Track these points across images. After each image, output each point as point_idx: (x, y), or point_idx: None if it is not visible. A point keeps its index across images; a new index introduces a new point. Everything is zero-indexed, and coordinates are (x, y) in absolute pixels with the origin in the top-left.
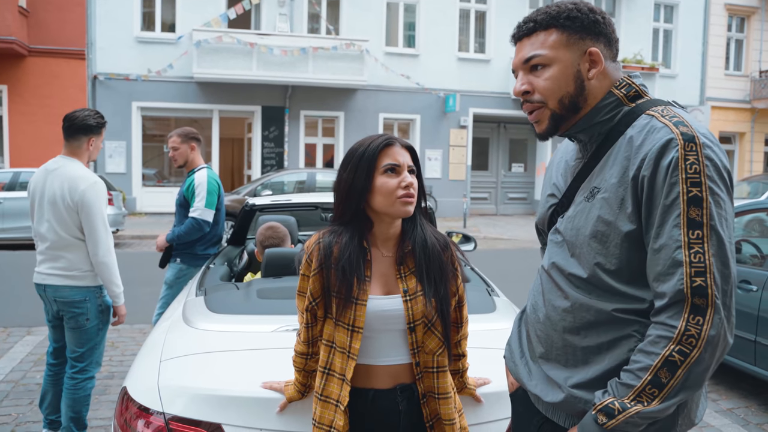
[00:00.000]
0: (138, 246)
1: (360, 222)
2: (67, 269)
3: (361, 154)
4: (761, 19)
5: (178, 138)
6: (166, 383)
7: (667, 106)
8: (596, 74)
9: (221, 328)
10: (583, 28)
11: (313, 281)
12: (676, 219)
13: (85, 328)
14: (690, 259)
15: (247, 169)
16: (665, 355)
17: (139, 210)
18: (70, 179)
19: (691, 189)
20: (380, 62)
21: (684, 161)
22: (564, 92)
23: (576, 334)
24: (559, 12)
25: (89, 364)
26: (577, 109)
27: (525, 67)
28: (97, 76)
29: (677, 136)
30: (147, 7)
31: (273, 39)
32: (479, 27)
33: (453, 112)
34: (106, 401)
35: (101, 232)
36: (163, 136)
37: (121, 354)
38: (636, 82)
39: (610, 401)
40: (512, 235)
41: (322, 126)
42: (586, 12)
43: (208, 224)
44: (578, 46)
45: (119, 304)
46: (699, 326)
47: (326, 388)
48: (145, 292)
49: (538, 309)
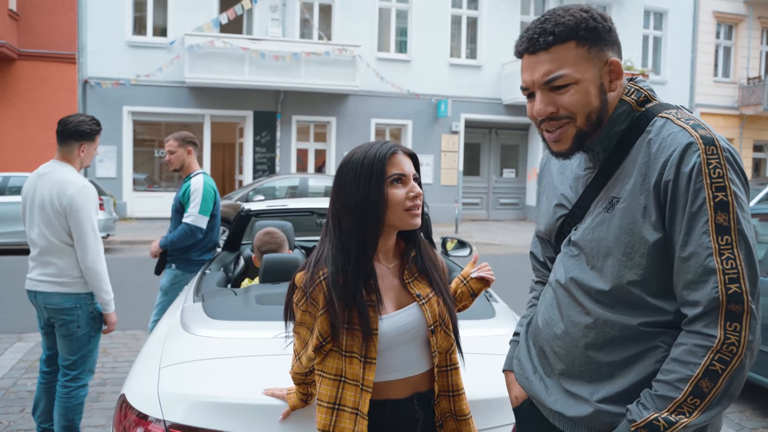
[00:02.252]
0: (129, 251)
1: (364, 240)
2: (57, 276)
3: (369, 165)
4: (749, 26)
5: (175, 141)
6: (166, 390)
7: (679, 109)
8: (618, 85)
9: (221, 335)
10: (601, 38)
11: (321, 321)
12: (705, 225)
13: (76, 336)
14: (723, 266)
15: (238, 174)
16: (705, 364)
17: (129, 215)
18: (59, 183)
19: (716, 194)
20: (372, 68)
21: (707, 166)
22: (592, 108)
23: (600, 350)
24: (577, 23)
25: (82, 372)
26: (600, 123)
27: (545, 87)
28: (87, 80)
29: (697, 139)
30: (138, 12)
31: (265, 44)
32: (471, 33)
33: (445, 117)
34: (99, 408)
35: (90, 238)
36: (154, 141)
37: (114, 360)
38: (644, 87)
39: (654, 417)
40: (504, 240)
41: (314, 131)
42: (601, 20)
43: (201, 231)
44: (599, 58)
45: (109, 312)
46: (737, 333)
47: (337, 425)
48: (137, 297)
49: (553, 324)
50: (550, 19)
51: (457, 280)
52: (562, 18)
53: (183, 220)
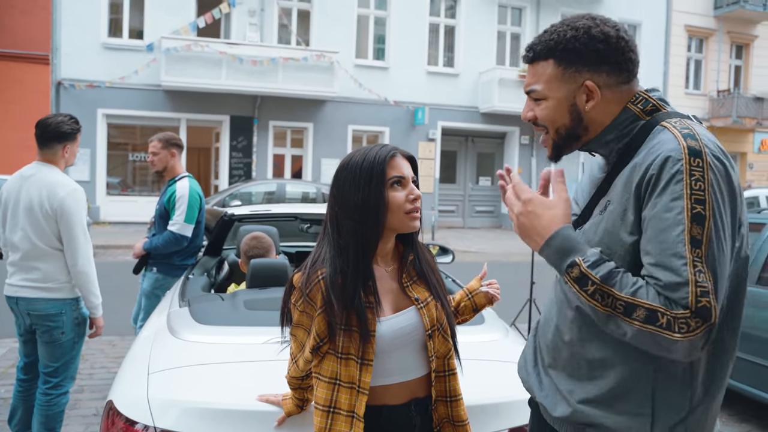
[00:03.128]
0: (103, 256)
1: (364, 243)
2: (41, 281)
3: (368, 168)
4: (719, 40)
5: (159, 143)
6: (156, 396)
7: (682, 119)
8: (593, 107)
9: (210, 340)
10: (580, 60)
11: (318, 321)
12: (680, 235)
13: (60, 342)
14: (695, 278)
15: (214, 179)
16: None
17: (103, 219)
18: (48, 186)
19: (695, 206)
20: (350, 74)
21: (689, 176)
22: (560, 124)
23: (581, 346)
24: (557, 42)
25: (64, 379)
26: (577, 137)
27: (528, 95)
28: (61, 81)
29: (683, 149)
30: (114, 13)
31: (243, 48)
32: (448, 41)
33: (422, 125)
34: (76, 416)
35: (81, 241)
36: (128, 145)
37: (91, 367)
38: (653, 96)
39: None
40: (480, 248)
41: (290, 137)
42: (586, 42)
43: (186, 239)
44: (574, 79)
45: (97, 316)
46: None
47: (333, 428)
48: (113, 302)
49: (549, 319)
50: (543, 34)
51: (462, 294)
52: (548, 36)
53: (168, 227)
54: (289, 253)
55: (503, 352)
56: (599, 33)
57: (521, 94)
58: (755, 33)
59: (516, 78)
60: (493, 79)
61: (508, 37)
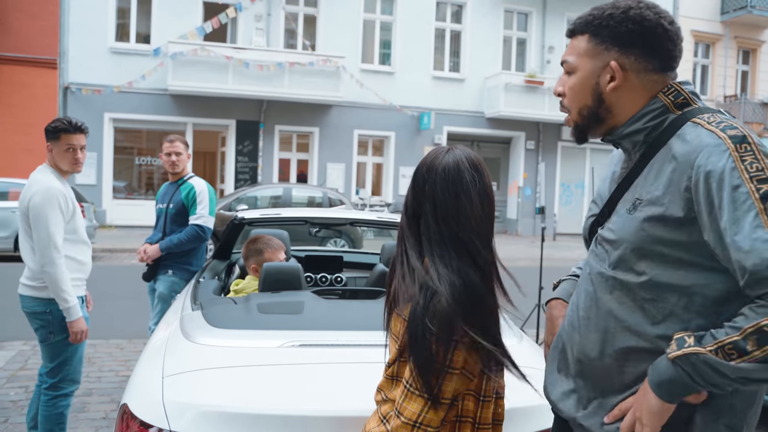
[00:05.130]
0: (109, 259)
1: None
2: (30, 278)
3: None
4: (725, 46)
5: (182, 144)
6: (172, 399)
7: (714, 113)
8: (613, 88)
9: (224, 343)
10: (611, 37)
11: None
12: (756, 219)
13: (50, 342)
14: None
15: (220, 183)
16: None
17: (109, 223)
18: (28, 185)
19: (760, 186)
20: (356, 79)
21: (742, 162)
22: (582, 104)
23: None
24: (594, 17)
25: (61, 381)
26: (600, 119)
27: (563, 68)
28: (68, 86)
29: (725, 140)
30: (121, 18)
31: (249, 53)
32: (454, 46)
33: (427, 129)
34: (85, 419)
35: (44, 241)
36: (134, 149)
37: (99, 370)
38: (686, 89)
39: (688, 335)
40: None
41: (296, 141)
42: (620, 20)
43: (210, 232)
44: (601, 57)
45: (71, 320)
46: None
47: None
48: (120, 306)
49: (573, 321)
50: (589, 11)
51: None
52: (590, 12)
53: (191, 221)
54: (299, 257)
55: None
56: (636, 15)
57: (527, 99)
58: (762, 38)
59: (522, 83)
60: (499, 84)
61: (514, 42)
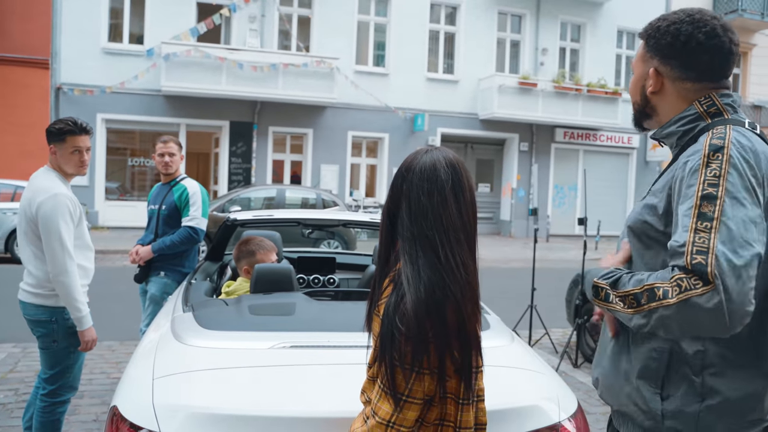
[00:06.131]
0: (101, 261)
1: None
2: (34, 286)
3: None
4: None
5: (176, 145)
6: (162, 401)
7: (730, 125)
8: (653, 92)
9: (215, 345)
10: (655, 48)
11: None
12: (688, 210)
13: (53, 350)
14: (693, 239)
15: (213, 184)
16: (653, 283)
17: (101, 224)
18: (33, 190)
19: (707, 189)
20: (350, 80)
21: (705, 168)
22: (634, 99)
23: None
24: (650, 27)
25: (60, 388)
26: (646, 115)
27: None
28: (61, 86)
29: (704, 148)
30: (114, 19)
31: (243, 54)
32: (448, 48)
33: (421, 131)
34: (76, 421)
35: (56, 250)
36: (127, 150)
37: (90, 372)
38: (722, 101)
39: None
40: (479, 254)
41: (290, 142)
42: (662, 34)
43: (203, 233)
44: (648, 63)
45: (83, 329)
46: (683, 290)
47: None
48: (112, 307)
49: None
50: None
51: None
52: (651, 21)
53: (185, 223)
54: (291, 259)
55: (510, 358)
56: (674, 29)
57: (521, 101)
58: (753, 42)
59: (515, 85)
60: (493, 86)
61: (508, 44)
